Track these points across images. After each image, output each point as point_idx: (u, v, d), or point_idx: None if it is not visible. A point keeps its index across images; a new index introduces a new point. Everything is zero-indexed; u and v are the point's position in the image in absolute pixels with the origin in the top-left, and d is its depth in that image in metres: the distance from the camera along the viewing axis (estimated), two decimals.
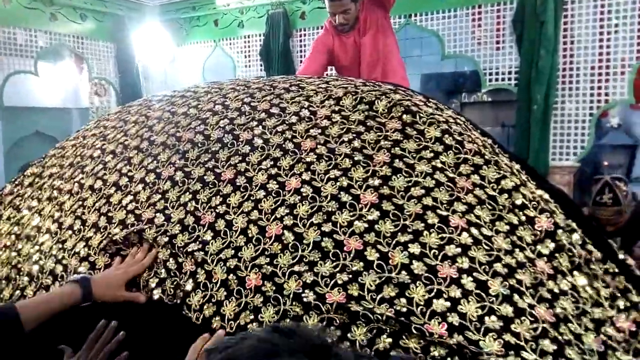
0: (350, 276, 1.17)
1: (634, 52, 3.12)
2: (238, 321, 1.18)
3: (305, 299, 1.15)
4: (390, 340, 1.08)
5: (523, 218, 1.29)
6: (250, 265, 1.25)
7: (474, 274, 1.15)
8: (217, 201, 1.40)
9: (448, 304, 1.10)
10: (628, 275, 1.48)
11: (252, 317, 1.17)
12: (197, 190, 1.45)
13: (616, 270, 1.42)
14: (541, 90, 3.12)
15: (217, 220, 1.36)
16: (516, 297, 1.12)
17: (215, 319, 1.20)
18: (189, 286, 1.27)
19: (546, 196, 1.52)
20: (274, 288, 1.19)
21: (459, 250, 1.19)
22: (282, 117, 1.57)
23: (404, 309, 1.10)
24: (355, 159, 1.39)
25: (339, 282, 1.16)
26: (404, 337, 1.08)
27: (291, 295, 1.17)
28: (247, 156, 1.47)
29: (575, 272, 1.24)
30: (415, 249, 1.19)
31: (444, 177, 1.33)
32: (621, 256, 1.63)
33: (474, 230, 1.23)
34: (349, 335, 1.10)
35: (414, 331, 1.07)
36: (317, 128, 1.50)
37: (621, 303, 1.29)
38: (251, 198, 1.37)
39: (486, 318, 1.09)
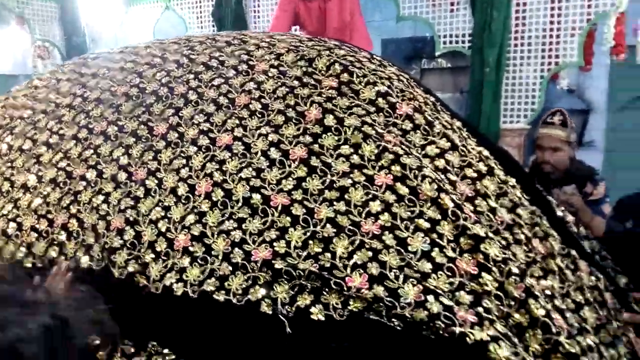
0: (278, 233, 1.17)
1: (584, 15, 3.15)
2: (163, 282, 1.16)
3: (233, 260, 1.15)
4: (311, 297, 1.09)
5: (446, 181, 1.30)
6: (179, 226, 1.23)
7: (396, 231, 1.16)
8: (150, 156, 1.37)
9: (370, 253, 1.12)
10: (564, 234, 1.51)
11: (177, 277, 1.16)
12: (130, 145, 1.41)
13: (546, 232, 1.44)
14: (493, 52, 3.13)
15: (149, 177, 1.32)
16: (436, 251, 1.14)
17: (141, 278, 1.18)
18: (116, 243, 1.25)
19: (486, 153, 1.53)
20: (203, 249, 1.18)
21: (382, 207, 1.20)
22: (220, 71, 1.53)
23: (328, 264, 1.12)
24: (288, 115, 1.37)
25: (267, 239, 1.16)
26: (324, 293, 1.09)
27: (220, 256, 1.16)
28: (180, 110, 1.44)
29: (493, 235, 1.25)
30: (340, 206, 1.20)
31: (372, 131, 1.33)
32: (559, 213, 1.66)
33: (398, 186, 1.24)
34: (271, 293, 1.10)
35: (334, 286, 1.08)
36: (253, 82, 1.47)
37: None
38: (182, 155, 1.34)
39: (406, 269, 1.11)
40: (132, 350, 1.16)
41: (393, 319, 1.05)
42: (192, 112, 1.43)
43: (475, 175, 1.37)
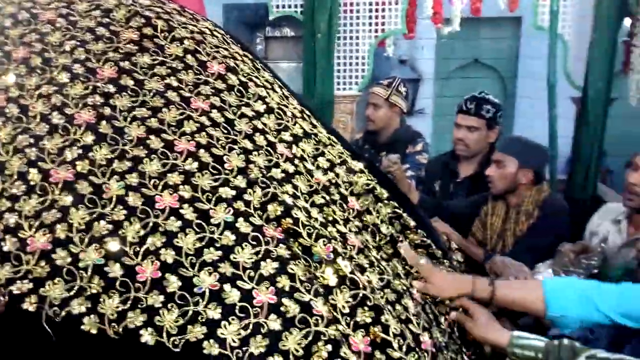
0: (60, 215, 1.01)
1: None
2: None
3: (4, 248, 0.98)
4: (88, 303, 0.95)
5: (263, 142, 1.25)
6: None
7: (196, 203, 1.07)
8: None
9: (164, 238, 1.01)
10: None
11: None
12: None
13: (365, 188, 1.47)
14: (324, 18, 3.13)
15: None
16: (240, 221, 1.08)
17: None
18: None
19: (307, 112, 1.51)
20: None
21: (182, 178, 1.10)
22: None
23: (116, 248, 0.99)
24: (75, 72, 1.20)
25: (45, 222, 1.00)
26: (102, 298, 0.96)
27: None
28: None
29: (309, 197, 1.24)
30: (133, 179, 1.07)
31: (176, 97, 1.22)
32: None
33: (202, 153, 1.15)
34: (41, 290, 0.95)
35: (119, 288, 0.96)
36: (35, 34, 1.26)
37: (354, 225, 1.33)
38: None
39: (205, 250, 1.02)
40: None
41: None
42: None
43: (291, 139, 1.34)
